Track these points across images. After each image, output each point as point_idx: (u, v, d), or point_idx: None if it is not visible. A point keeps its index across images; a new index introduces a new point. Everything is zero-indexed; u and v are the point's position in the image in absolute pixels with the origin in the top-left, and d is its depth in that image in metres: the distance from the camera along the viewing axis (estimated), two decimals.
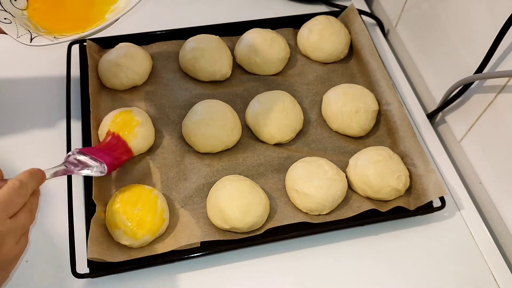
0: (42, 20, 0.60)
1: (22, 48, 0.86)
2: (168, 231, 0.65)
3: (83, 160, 0.62)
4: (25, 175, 0.49)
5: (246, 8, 0.96)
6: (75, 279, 0.60)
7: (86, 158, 0.62)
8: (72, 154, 0.62)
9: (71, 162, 0.60)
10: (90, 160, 0.62)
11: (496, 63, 0.66)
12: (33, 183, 0.50)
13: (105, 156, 0.65)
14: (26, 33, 0.56)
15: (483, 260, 0.67)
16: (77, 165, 0.60)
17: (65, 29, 0.58)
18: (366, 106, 0.75)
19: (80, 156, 0.62)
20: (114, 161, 0.65)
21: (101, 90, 0.79)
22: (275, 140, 0.74)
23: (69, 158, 0.61)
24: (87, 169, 0.61)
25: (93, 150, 0.65)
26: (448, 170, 0.76)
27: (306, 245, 0.67)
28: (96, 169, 0.62)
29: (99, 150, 0.65)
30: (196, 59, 0.79)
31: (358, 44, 0.85)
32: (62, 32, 0.57)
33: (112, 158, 0.65)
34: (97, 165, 0.62)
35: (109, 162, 0.64)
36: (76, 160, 0.61)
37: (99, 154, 0.64)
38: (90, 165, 0.62)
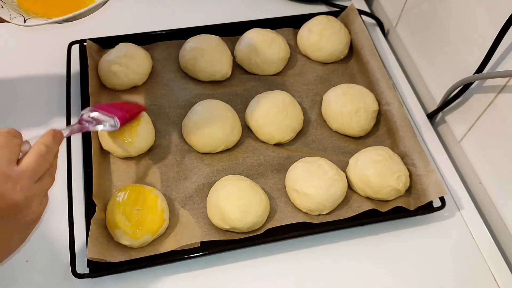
0: (32, 7, 0.61)
1: (22, 48, 0.86)
2: (168, 231, 0.65)
3: (96, 117, 0.64)
4: (49, 139, 0.51)
5: (246, 8, 0.96)
6: (75, 279, 0.60)
7: (99, 114, 0.64)
8: (85, 113, 0.63)
9: (85, 120, 0.62)
10: (102, 116, 0.64)
11: (496, 63, 0.66)
12: (56, 146, 0.52)
13: (117, 110, 0.66)
14: (18, 15, 0.57)
15: (483, 260, 0.67)
16: (91, 122, 0.63)
17: (56, 14, 0.59)
18: (366, 106, 0.75)
19: (93, 113, 0.64)
20: (126, 115, 0.67)
21: (101, 90, 0.79)
22: (275, 140, 0.74)
23: (83, 116, 0.63)
24: (100, 124, 0.63)
25: (105, 106, 0.67)
26: (448, 170, 0.76)
27: (306, 245, 0.67)
28: (109, 124, 0.64)
29: (110, 106, 0.68)
30: (196, 59, 0.79)
31: (358, 44, 0.85)
32: (53, 16, 0.59)
33: (123, 112, 0.67)
34: (110, 120, 0.64)
35: (121, 115, 0.66)
36: (90, 117, 0.63)
37: (111, 109, 0.66)
38: (103, 120, 0.64)
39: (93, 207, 0.65)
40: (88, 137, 0.72)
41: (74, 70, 0.81)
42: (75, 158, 0.70)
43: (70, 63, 0.81)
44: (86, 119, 0.63)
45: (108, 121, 0.64)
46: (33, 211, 0.48)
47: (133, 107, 0.72)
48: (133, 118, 0.70)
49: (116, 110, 0.66)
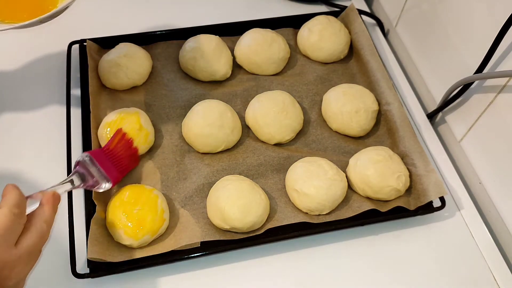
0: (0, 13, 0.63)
1: (22, 48, 0.86)
2: (168, 231, 0.65)
3: (92, 173, 0.62)
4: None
5: (246, 8, 0.96)
6: (75, 279, 0.60)
7: (95, 170, 0.62)
8: (82, 161, 0.62)
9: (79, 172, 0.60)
10: (98, 174, 0.62)
11: (496, 63, 0.66)
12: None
13: (112, 168, 0.64)
14: None
15: (483, 260, 0.67)
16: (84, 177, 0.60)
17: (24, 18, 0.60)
18: (366, 106, 0.75)
19: (89, 166, 0.62)
20: (119, 176, 0.66)
21: (101, 90, 0.79)
22: (275, 140, 0.74)
23: (78, 167, 0.61)
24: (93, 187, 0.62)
25: (102, 157, 0.64)
26: (448, 170, 0.76)
27: (306, 245, 0.67)
28: (102, 186, 0.63)
29: (107, 157, 0.65)
30: (196, 59, 0.79)
31: (358, 44, 0.85)
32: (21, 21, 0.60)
33: (118, 172, 0.65)
34: (103, 182, 0.63)
35: (115, 177, 0.64)
36: (85, 169, 0.61)
37: (107, 164, 0.64)
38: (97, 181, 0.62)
39: (93, 207, 0.65)
40: (88, 137, 0.72)
41: (74, 70, 0.81)
42: (75, 158, 0.70)
43: (70, 63, 0.81)
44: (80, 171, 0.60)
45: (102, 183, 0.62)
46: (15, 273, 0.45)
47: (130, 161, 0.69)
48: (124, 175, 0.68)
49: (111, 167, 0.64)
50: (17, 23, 0.60)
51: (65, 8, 0.62)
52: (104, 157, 0.65)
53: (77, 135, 0.73)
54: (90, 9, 0.94)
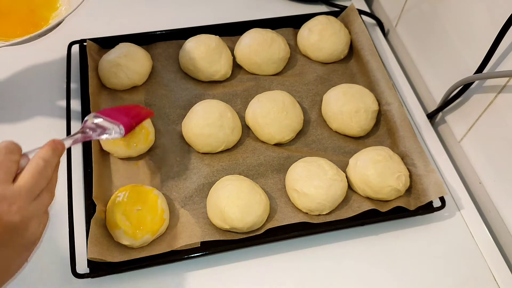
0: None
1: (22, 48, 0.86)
2: (168, 231, 0.65)
3: (100, 124, 0.60)
4: (47, 152, 0.47)
5: (246, 8, 0.96)
6: (75, 279, 0.60)
7: (102, 120, 0.60)
8: (89, 119, 0.60)
9: (89, 127, 0.59)
10: (106, 123, 0.60)
11: (496, 63, 0.66)
12: (55, 159, 0.48)
13: (122, 116, 0.62)
14: None
15: (483, 260, 0.67)
16: (94, 130, 0.59)
17: (17, 35, 0.62)
18: (366, 106, 0.75)
19: (97, 119, 0.60)
20: (132, 121, 0.63)
21: (101, 90, 0.79)
22: (275, 140, 0.74)
23: (86, 123, 0.59)
24: (105, 133, 0.60)
25: (110, 111, 0.63)
26: (448, 170, 0.76)
27: (306, 245, 0.67)
28: (114, 131, 0.60)
29: (115, 110, 0.64)
30: (196, 59, 0.79)
31: (358, 44, 0.85)
32: (13, 37, 0.62)
33: (129, 118, 0.63)
34: (114, 127, 0.60)
35: (126, 122, 0.62)
36: (93, 124, 0.60)
37: (115, 114, 0.62)
38: (107, 128, 0.60)
39: (93, 207, 0.65)
40: None
41: (74, 70, 0.81)
42: (75, 158, 0.70)
43: (70, 63, 0.81)
44: (89, 126, 0.59)
45: (113, 129, 0.60)
46: (32, 232, 0.45)
47: (140, 111, 0.68)
48: (139, 123, 0.66)
49: (121, 116, 0.62)
50: (11, 40, 0.61)
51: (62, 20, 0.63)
52: (112, 111, 0.63)
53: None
54: (90, 9, 0.94)
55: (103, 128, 0.60)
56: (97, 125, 0.60)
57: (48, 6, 0.70)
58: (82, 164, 0.71)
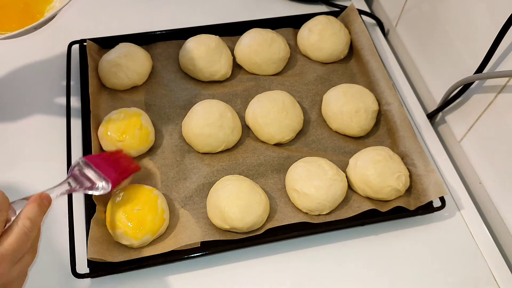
0: None
1: (22, 48, 0.86)
2: (168, 231, 0.65)
3: (88, 175, 0.59)
4: (34, 209, 0.46)
5: (246, 8, 0.96)
6: (75, 279, 0.60)
7: (91, 172, 0.60)
8: (78, 165, 0.59)
9: (76, 175, 0.58)
10: (94, 175, 0.60)
11: (496, 63, 0.66)
12: (41, 217, 0.46)
13: (110, 169, 0.61)
14: None
15: (483, 260, 0.67)
16: (81, 180, 0.58)
17: (13, 28, 0.61)
18: (366, 106, 0.75)
19: (85, 169, 0.59)
20: (119, 177, 0.63)
21: (101, 90, 0.79)
22: (275, 140, 0.74)
23: (74, 170, 0.59)
24: (91, 189, 0.59)
25: (98, 160, 0.62)
26: (448, 170, 0.76)
27: (306, 245, 0.67)
28: (100, 188, 0.60)
29: (104, 161, 0.63)
30: (196, 59, 0.79)
31: (358, 44, 0.85)
32: (9, 31, 0.61)
33: (116, 173, 0.62)
34: (102, 183, 0.60)
35: (114, 178, 0.61)
36: (81, 172, 0.59)
37: (104, 166, 0.61)
38: (94, 183, 0.59)
39: (93, 207, 0.65)
40: (88, 137, 0.72)
41: (74, 70, 0.81)
42: (75, 157, 0.70)
43: (70, 63, 0.81)
44: (76, 174, 0.58)
45: (101, 185, 0.59)
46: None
47: (128, 165, 0.66)
48: (125, 179, 0.65)
49: (110, 170, 0.61)
50: (7, 32, 0.60)
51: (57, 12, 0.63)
52: (101, 160, 0.62)
53: (77, 135, 0.73)
54: (90, 9, 0.94)
55: (90, 181, 0.59)
56: (85, 176, 0.59)
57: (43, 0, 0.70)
58: None
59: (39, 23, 0.61)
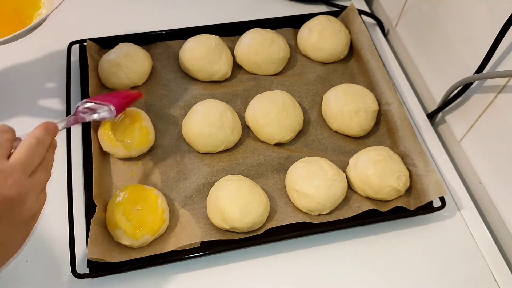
0: None
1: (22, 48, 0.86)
2: (168, 231, 0.65)
3: (92, 107, 0.63)
4: (40, 131, 0.49)
5: (246, 8, 0.96)
6: (75, 279, 0.60)
7: (94, 104, 0.63)
8: (81, 105, 0.63)
9: (81, 111, 0.62)
10: (97, 105, 0.63)
11: (496, 63, 0.66)
12: (48, 138, 0.50)
13: (112, 98, 0.65)
14: None
15: (483, 260, 0.67)
16: (86, 112, 0.62)
17: (3, 34, 0.63)
18: (366, 106, 0.75)
19: (88, 104, 0.63)
20: (121, 101, 0.67)
21: (101, 90, 0.79)
22: (275, 140, 0.74)
23: (78, 108, 0.62)
24: (96, 113, 0.63)
25: (100, 96, 0.67)
26: (448, 170, 0.76)
27: (306, 245, 0.67)
28: (106, 112, 0.63)
29: (105, 95, 0.68)
30: (196, 59, 0.79)
31: (358, 44, 0.85)
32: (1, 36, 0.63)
33: (119, 99, 0.66)
34: (105, 108, 0.63)
35: (117, 102, 0.64)
36: (85, 108, 0.63)
37: (107, 98, 0.66)
38: (98, 109, 0.63)
39: (93, 207, 0.65)
40: (88, 137, 0.72)
41: (74, 70, 0.81)
42: (75, 158, 0.70)
43: (70, 63, 0.81)
44: (81, 110, 0.62)
45: (104, 109, 0.63)
46: (29, 207, 0.46)
47: (129, 93, 0.72)
48: (130, 104, 0.70)
49: (111, 98, 0.66)
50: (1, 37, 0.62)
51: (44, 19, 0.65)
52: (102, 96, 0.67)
53: (77, 135, 0.73)
54: (90, 9, 0.94)
55: (94, 110, 0.63)
56: (89, 108, 0.63)
57: (32, 6, 0.72)
58: (82, 164, 0.71)
59: (28, 29, 0.62)
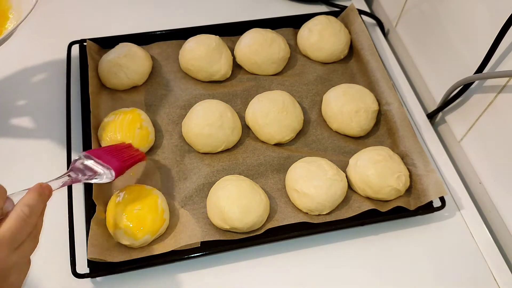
0: None
1: (22, 49, 0.86)
2: (168, 231, 0.65)
3: (90, 166, 0.59)
4: (33, 197, 0.45)
5: (246, 8, 0.96)
6: (75, 279, 0.60)
7: (93, 163, 0.59)
8: (79, 159, 0.59)
9: (77, 168, 0.57)
10: (96, 165, 0.59)
11: (496, 63, 0.66)
12: (41, 205, 0.46)
13: (113, 159, 0.61)
14: None
15: (483, 260, 0.67)
16: (83, 172, 0.58)
17: None
18: (366, 106, 0.75)
19: (86, 161, 0.59)
20: (122, 165, 0.61)
21: (101, 90, 0.79)
22: (275, 140, 0.74)
23: (76, 163, 0.58)
24: (94, 177, 0.58)
25: (100, 152, 0.61)
26: (448, 170, 0.76)
27: (306, 245, 0.67)
28: (104, 176, 0.59)
29: (106, 152, 0.62)
30: (196, 59, 0.79)
31: (358, 44, 0.85)
32: None
33: (120, 161, 0.61)
34: (105, 171, 0.59)
35: (117, 166, 0.60)
36: (83, 165, 0.59)
37: (106, 157, 0.61)
38: (97, 172, 0.59)
39: (93, 207, 0.65)
40: (88, 137, 0.72)
41: (74, 70, 0.81)
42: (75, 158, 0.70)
43: (70, 63, 0.81)
44: (78, 167, 0.57)
45: (104, 173, 0.59)
46: (11, 283, 0.43)
47: (133, 154, 0.66)
48: (131, 166, 0.64)
49: (113, 159, 0.60)
50: None
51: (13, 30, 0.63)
52: (103, 152, 0.62)
53: (77, 135, 0.73)
54: (90, 9, 0.94)
55: (93, 171, 0.58)
56: (87, 167, 0.58)
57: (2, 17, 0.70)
58: None
59: None
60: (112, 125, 0.70)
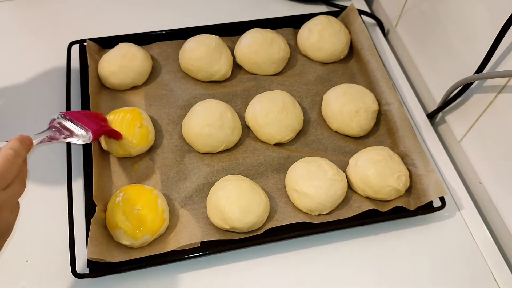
0: None
1: (22, 49, 0.86)
2: (168, 231, 0.65)
3: (68, 127, 0.60)
4: (16, 143, 0.49)
5: (246, 8, 0.96)
6: (75, 279, 0.60)
7: (71, 124, 0.61)
8: (57, 118, 0.60)
9: (55, 127, 0.59)
10: (74, 127, 0.61)
11: (496, 63, 0.66)
12: (24, 151, 0.49)
13: (90, 122, 0.63)
14: None
15: (483, 260, 0.67)
16: (61, 132, 0.59)
17: None
18: (366, 106, 0.75)
19: (65, 122, 0.61)
20: (99, 129, 0.64)
21: (101, 90, 0.79)
22: (275, 140, 0.74)
23: (54, 122, 0.60)
24: (72, 137, 0.60)
25: (78, 115, 0.63)
26: (448, 170, 0.76)
27: (306, 245, 0.67)
28: (82, 137, 0.61)
29: (84, 115, 0.64)
30: (196, 59, 0.79)
31: (358, 44, 0.85)
32: None
33: (97, 126, 0.64)
34: (83, 133, 0.61)
35: (95, 129, 0.62)
36: (61, 125, 0.60)
37: (84, 119, 0.62)
38: (75, 133, 0.60)
39: (93, 207, 0.65)
40: None
41: (74, 70, 0.81)
42: (75, 158, 0.70)
43: (70, 63, 0.81)
44: (55, 125, 0.59)
45: (81, 134, 0.60)
46: (3, 219, 0.46)
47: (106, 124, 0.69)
48: (107, 134, 0.67)
49: (89, 122, 0.62)
50: None
51: None
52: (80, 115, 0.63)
53: None
54: (90, 9, 0.94)
55: (70, 132, 0.60)
56: (65, 127, 0.60)
57: None
58: (82, 164, 0.71)
59: None
60: (112, 123, 0.70)
